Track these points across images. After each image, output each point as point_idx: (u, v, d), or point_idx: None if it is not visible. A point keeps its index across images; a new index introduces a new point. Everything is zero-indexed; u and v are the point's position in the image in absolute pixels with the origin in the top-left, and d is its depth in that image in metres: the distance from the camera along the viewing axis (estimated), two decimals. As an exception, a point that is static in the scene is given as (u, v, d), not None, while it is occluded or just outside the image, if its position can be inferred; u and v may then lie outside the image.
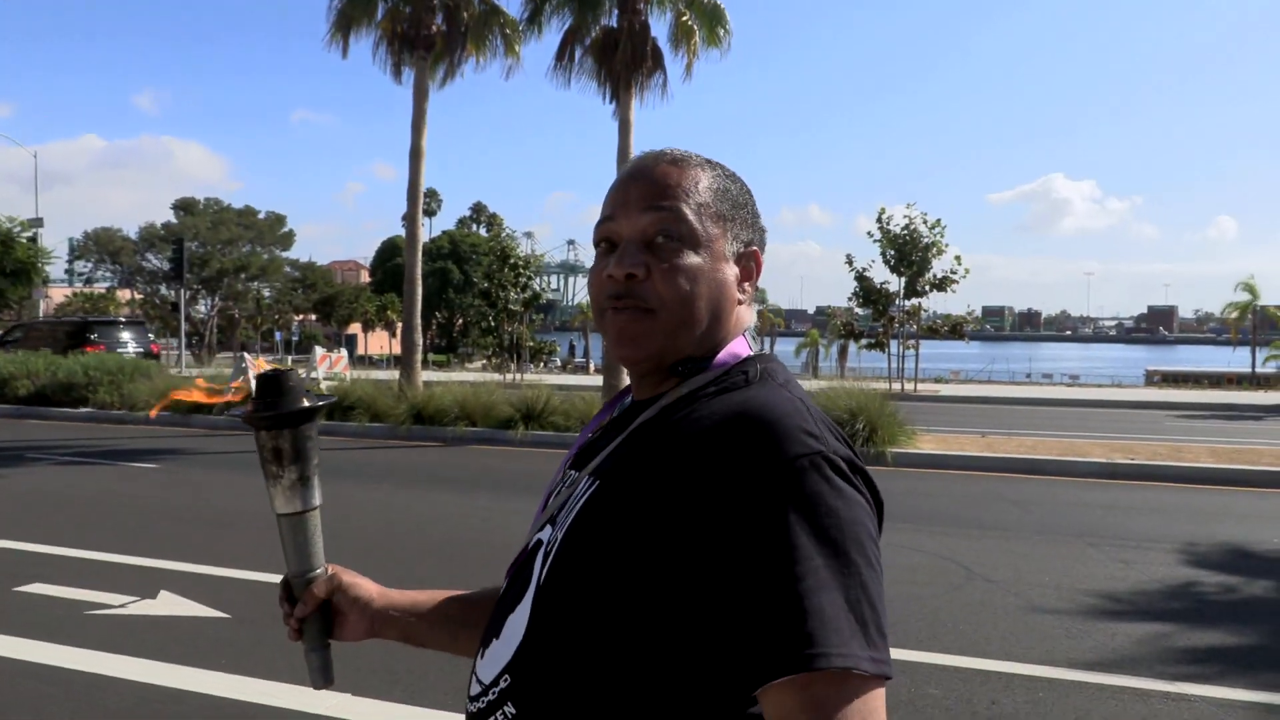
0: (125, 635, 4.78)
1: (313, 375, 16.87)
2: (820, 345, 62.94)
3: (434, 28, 16.20)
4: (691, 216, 1.00)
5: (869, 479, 0.91)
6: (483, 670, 1.00)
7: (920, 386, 25.78)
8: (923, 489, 10.02)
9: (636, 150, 14.76)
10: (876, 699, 0.80)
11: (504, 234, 28.48)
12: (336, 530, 0.98)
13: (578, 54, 15.60)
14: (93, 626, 4.94)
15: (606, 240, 1.03)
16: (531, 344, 31.69)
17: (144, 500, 8.78)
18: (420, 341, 16.63)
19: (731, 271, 1.03)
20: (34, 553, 6.56)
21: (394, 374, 20.78)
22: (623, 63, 14.60)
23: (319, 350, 17.73)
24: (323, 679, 1.15)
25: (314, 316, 67.07)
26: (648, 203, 1.00)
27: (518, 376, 27.44)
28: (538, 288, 31.37)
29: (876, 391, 13.69)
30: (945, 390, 25.76)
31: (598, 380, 25.39)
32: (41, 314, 29.74)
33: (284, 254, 64.30)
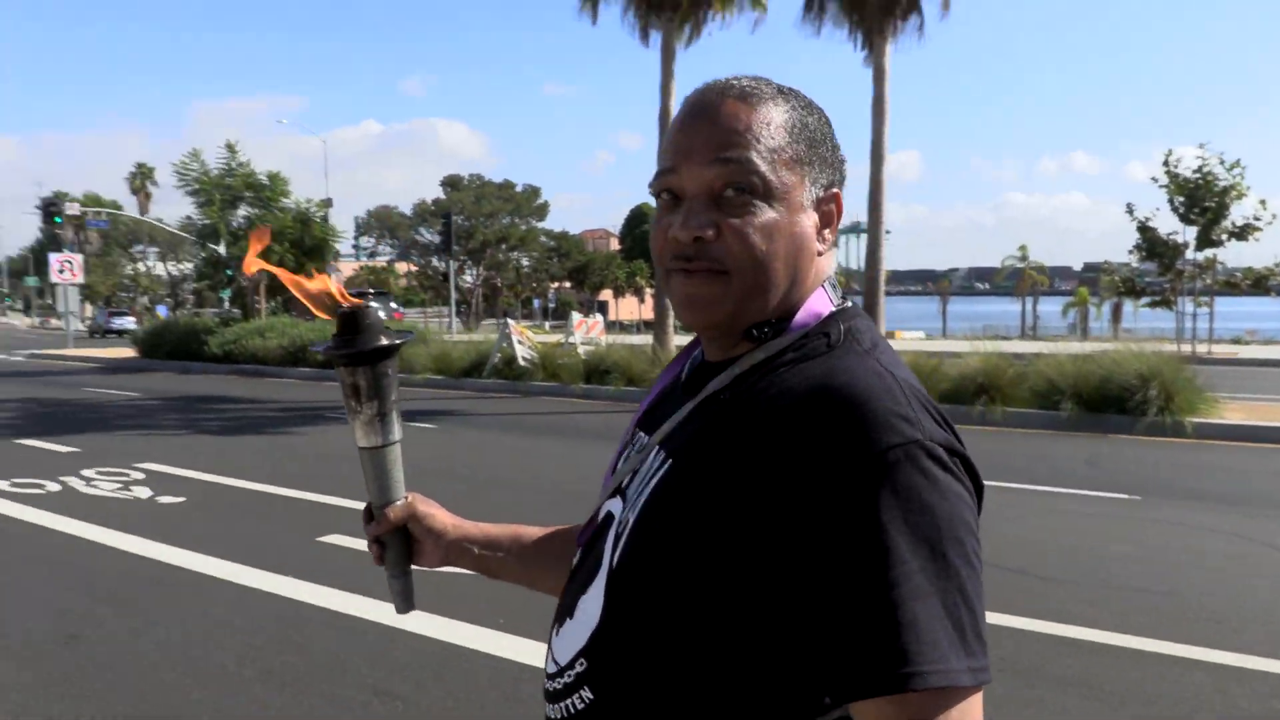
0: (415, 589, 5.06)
1: (570, 340, 17.47)
2: (1090, 304, 58.29)
3: (681, -13, 16.10)
4: (764, 166, 0.89)
5: (969, 463, 0.83)
6: (559, 649, 0.97)
7: (1215, 348, 23.02)
8: (1232, 465, 8.84)
9: (893, 96, 14.12)
10: (974, 706, 0.75)
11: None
12: (589, 492, 0.91)
13: (827, 1, 14.95)
14: (383, 578, 5.27)
15: (668, 191, 0.92)
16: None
17: (425, 460, 9.40)
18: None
19: (810, 221, 0.93)
20: (333, 505, 7.16)
21: (646, 339, 21.14)
22: (876, 5, 13.81)
23: (575, 315, 18.33)
24: (404, 603, 1.20)
25: (568, 284, 70.04)
26: (714, 153, 0.89)
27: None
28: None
29: (1168, 354, 12.27)
30: (1245, 352, 22.86)
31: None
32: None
33: (540, 224, 67.56)
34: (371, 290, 29.62)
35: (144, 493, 7.74)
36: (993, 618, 4.57)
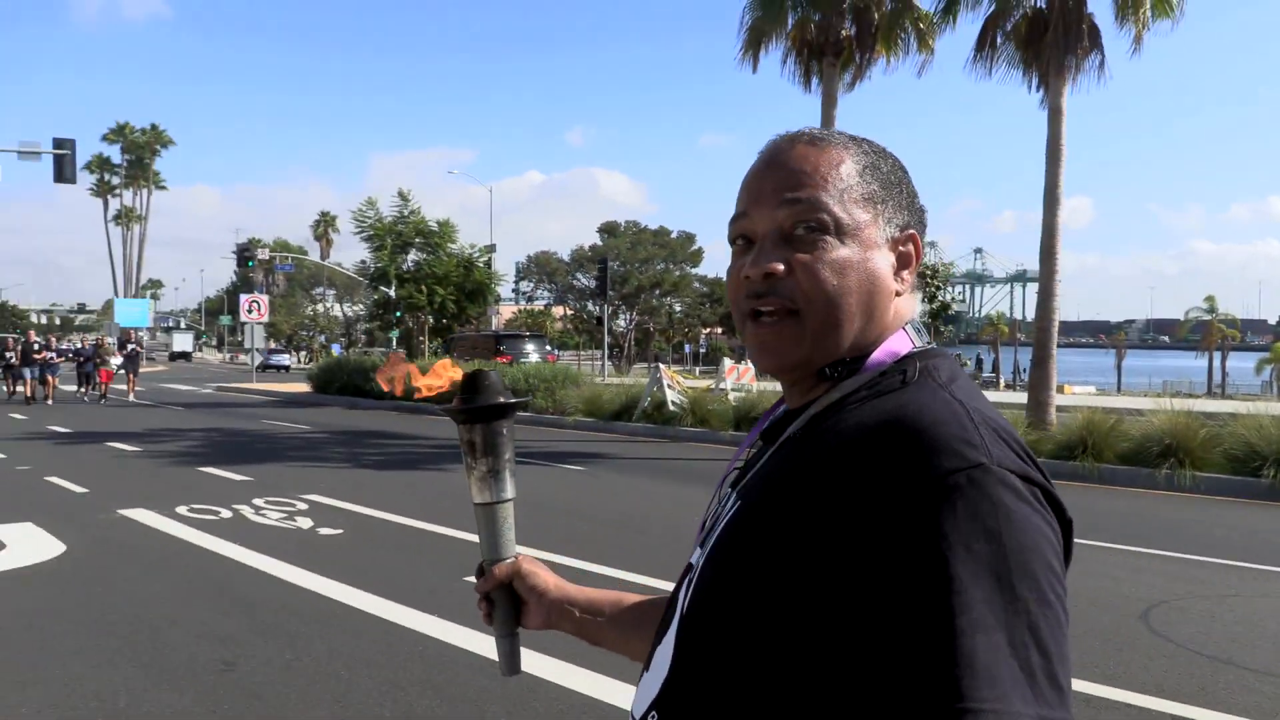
0: (555, 638, 4.94)
1: (721, 386, 17.29)
2: (1289, 360, 53.54)
3: (843, 32, 15.91)
4: (833, 204, 0.90)
5: (1053, 495, 0.79)
6: (637, 704, 0.95)
7: None
8: None
9: (1069, 139, 13.36)
10: None
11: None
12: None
13: (999, 40, 14.37)
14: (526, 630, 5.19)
15: (743, 237, 0.94)
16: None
17: (572, 502, 9.38)
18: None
19: (886, 260, 0.92)
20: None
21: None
22: (1053, 44, 13.17)
23: (727, 362, 18.17)
24: (508, 667, 1.20)
25: (720, 329, 70.05)
26: (783, 193, 0.91)
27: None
28: (945, 298, 29.72)
29: (1393, 418, 10.92)
30: None
31: (1013, 396, 23.41)
32: (494, 328, 34.23)
33: (693, 270, 68.06)
34: (528, 332, 30.45)
35: (306, 523, 8.02)
36: (1192, 712, 4.04)
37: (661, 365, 17.71)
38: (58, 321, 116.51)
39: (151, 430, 16.53)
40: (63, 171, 26.52)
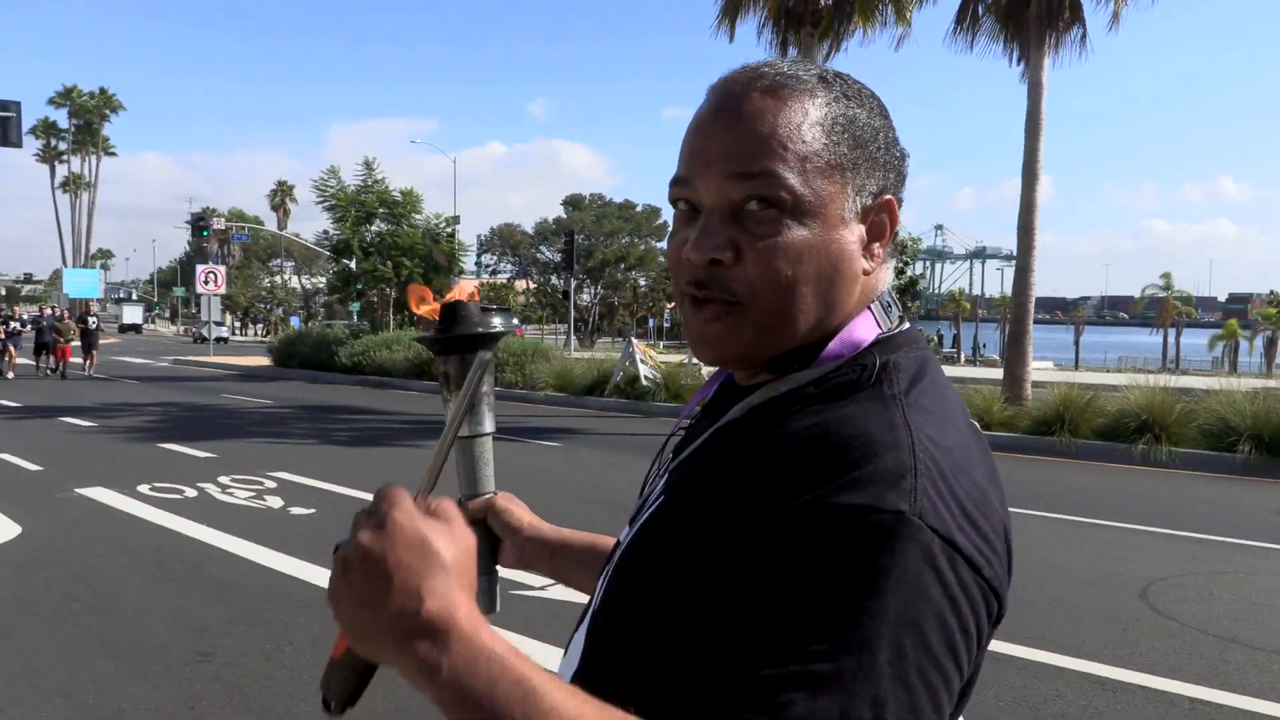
0: (546, 619, 4.74)
1: (694, 360, 17.09)
2: (1241, 338, 54.67)
3: (821, 2, 15.65)
4: (792, 177, 0.74)
5: (977, 571, 0.66)
6: None
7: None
8: None
9: (1048, 115, 13.29)
10: None
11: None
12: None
13: (980, 12, 14.22)
14: (519, 608, 4.97)
15: (685, 201, 0.80)
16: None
17: (550, 478, 9.15)
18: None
19: (854, 235, 0.78)
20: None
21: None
22: (1035, 18, 13.04)
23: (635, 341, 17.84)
24: (486, 604, 1.12)
25: (683, 304, 69.78)
26: (734, 165, 0.75)
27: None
28: (912, 274, 29.78)
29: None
30: None
31: (975, 372, 23.55)
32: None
33: (658, 244, 67.70)
34: (494, 305, 30.02)
35: (276, 502, 7.72)
36: (1200, 692, 3.95)
37: (634, 339, 17.46)
38: (3, 292, 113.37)
39: (106, 405, 15.99)
40: (7, 135, 25.46)
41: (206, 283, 29.45)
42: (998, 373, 19.85)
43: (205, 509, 7.40)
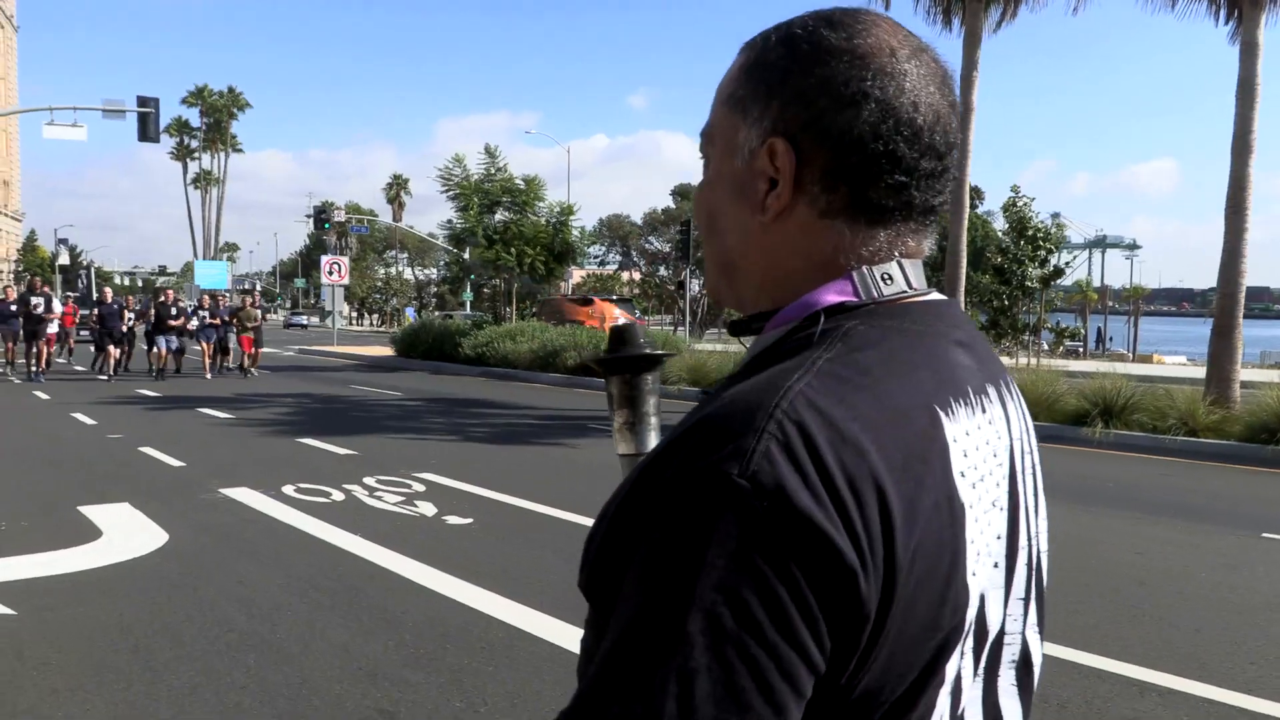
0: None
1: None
2: None
3: (987, -38, 14.32)
4: (711, 120, 0.79)
5: (834, 548, 0.59)
6: None
7: None
8: None
9: (1264, 80, 11.70)
10: None
11: (1020, 202, 25.47)
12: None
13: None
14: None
15: None
16: (1048, 326, 28.30)
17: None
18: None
19: (733, 178, 0.75)
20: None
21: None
22: (1254, -33, 11.45)
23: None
24: None
25: (794, 295, 68.18)
26: None
27: (1033, 361, 24.83)
28: (1058, 262, 27.91)
29: None
30: None
31: (1096, 365, 21.71)
32: (568, 291, 33.35)
33: (769, 234, 66.19)
34: (615, 298, 29.50)
35: (428, 509, 7.06)
36: None
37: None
38: (140, 284, 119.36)
39: (241, 396, 15.88)
40: (147, 130, 26.10)
41: (331, 273, 29.63)
42: (1108, 366, 18.15)
43: (355, 515, 6.79)
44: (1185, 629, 4.70)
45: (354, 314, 78.87)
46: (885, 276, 0.73)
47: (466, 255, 24.75)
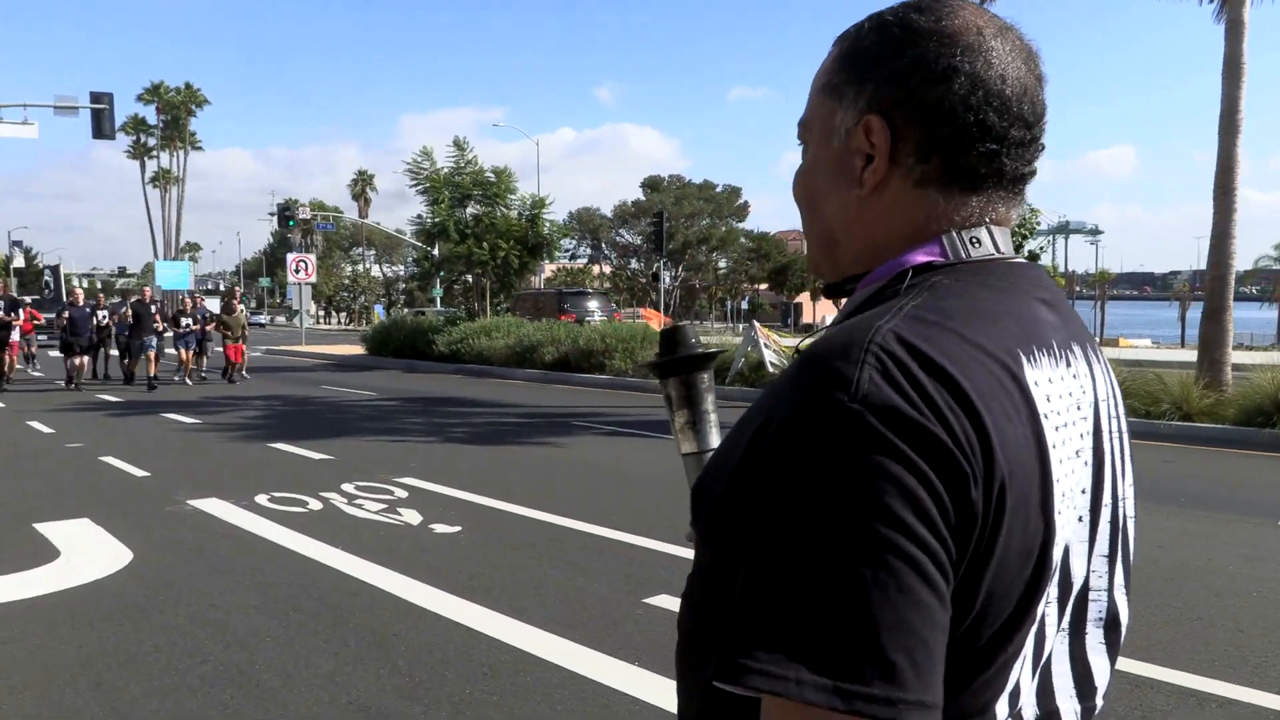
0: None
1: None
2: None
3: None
4: (807, 110, 0.84)
5: (937, 441, 0.63)
6: None
7: None
8: None
9: (1250, 59, 11.53)
10: None
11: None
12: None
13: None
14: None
15: None
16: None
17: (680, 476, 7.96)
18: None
19: (831, 157, 0.80)
20: (655, 552, 5.77)
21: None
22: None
23: (828, 318, 16.54)
24: None
25: (764, 286, 68.17)
26: None
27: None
28: (1031, 249, 27.83)
29: None
30: None
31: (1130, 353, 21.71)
32: (534, 286, 32.88)
33: (739, 225, 66.02)
34: (590, 290, 29.12)
35: (413, 517, 6.66)
36: None
37: (756, 324, 16.18)
38: (99, 285, 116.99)
39: (208, 399, 15.32)
40: (101, 127, 25.35)
41: (298, 271, 28.99)
42: (1119, 352, 18.10)
43: (335, 526, 6.38)
44: (1226, 629, 4.44)
45: (321, 313, 77.70)
46: (974, 240, 0.77)
47: (435, 251, 24.20)
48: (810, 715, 0.59)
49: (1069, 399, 0.72)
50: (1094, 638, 0.77)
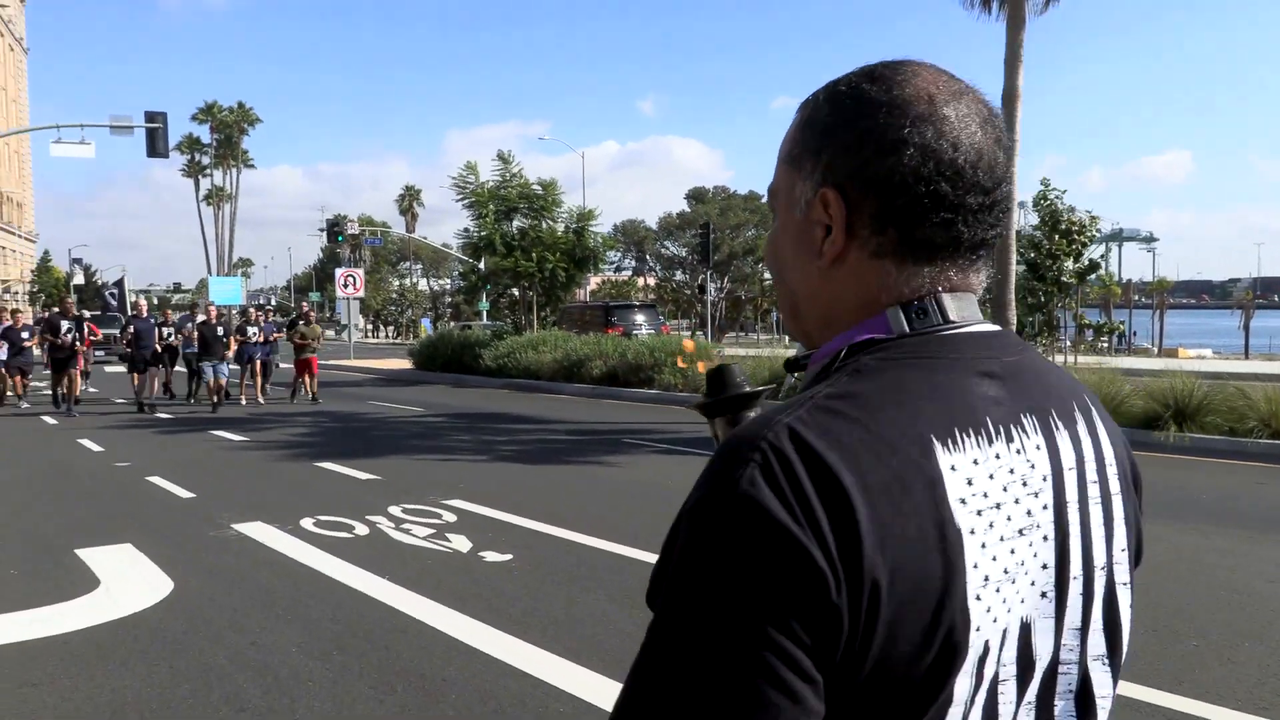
0: None
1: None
2: None
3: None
4: (776, 178, 0.84)
5: (805, 550, 0.63)
6: None
7: None
8: None
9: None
10: None
11: (1051, 195, 24.63)
12: None
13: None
14: None
15: None
16: (1086, 323, 27.41)
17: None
18: (1013, 319, 14.15)
19: (795, 227, 0.80)
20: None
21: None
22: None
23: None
24: None
25: (812, 297, 67.42)
26: None
27: (1071, 358, 24.06)
28: (1092, 256, 27.06)
29: None
30: None
31: (1162, 364, 20.87)
32: (580, 299, 32.75)
33: (786, 236, 65.40)
34: (638, 304, 28.83)
35: (462, 544, 6.37)
36: None
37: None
38: (155, 301, 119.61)
39: (255, 415, 15.25)
40: (155, 145, 25.66)
41: (346, 286, 29.06)
42: (1199, 365, 17.30)
43: (382, 553, 6.11)
44: (1366, 680, 3.96)
45: (369, 326, 78.43)
46: (919, 311, 0.76)
47: (482, 264, 24.08)
48: None
49: (1008, 476, 0.71)
50: (1062, 710, 0.76)
